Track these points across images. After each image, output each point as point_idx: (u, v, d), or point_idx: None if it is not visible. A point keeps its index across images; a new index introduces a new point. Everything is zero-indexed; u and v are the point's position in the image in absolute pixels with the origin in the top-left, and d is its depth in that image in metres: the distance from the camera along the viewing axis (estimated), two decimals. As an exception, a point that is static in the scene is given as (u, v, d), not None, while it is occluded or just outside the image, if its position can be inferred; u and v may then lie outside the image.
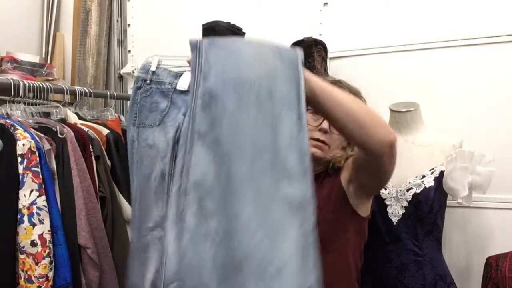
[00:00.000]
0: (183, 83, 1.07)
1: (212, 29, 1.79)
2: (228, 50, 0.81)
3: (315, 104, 0.87)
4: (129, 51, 2.25)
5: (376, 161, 0.97)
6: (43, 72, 1.81)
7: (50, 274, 1.23)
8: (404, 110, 1.48)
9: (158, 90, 1.08)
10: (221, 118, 0.77)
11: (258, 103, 0.77)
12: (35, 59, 1.86)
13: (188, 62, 1.17)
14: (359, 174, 1.11)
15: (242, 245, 0.73)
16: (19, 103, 1.43)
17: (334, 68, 1.75)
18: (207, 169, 0.75)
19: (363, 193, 1.16)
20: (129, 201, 1.53)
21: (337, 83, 1.22)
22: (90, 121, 1.63)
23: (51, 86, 1.54)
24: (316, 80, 0.86)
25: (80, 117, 1.62)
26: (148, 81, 1.09)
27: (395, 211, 1.39)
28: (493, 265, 1.40)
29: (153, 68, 1.09)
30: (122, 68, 2.24)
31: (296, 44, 1.65)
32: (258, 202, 0.75)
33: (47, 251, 1.22)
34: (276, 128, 0.78)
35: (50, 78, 1.81)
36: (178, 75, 1.09)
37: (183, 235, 0.74)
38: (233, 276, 0.72)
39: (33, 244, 1.21)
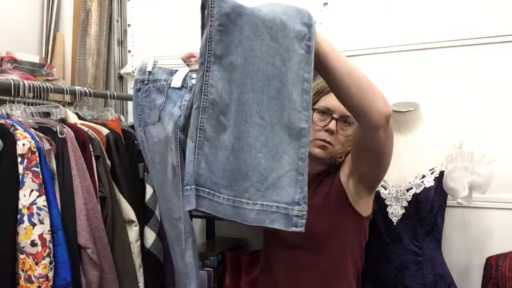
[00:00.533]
0: (177, 81, 1.11)
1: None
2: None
3: (322, 60, 0.90)
4: (129, 51, 2.25)
5: (373, 136, 0.99)
6: (43, 72, 1.81)
7: (50, 274, 1.23)
8: (404, 110, 1.48)
9: (155, 88, 1.13)
10: (237, 43, 0.83)
11: (272, 33, 0.85)
12: (35, 59, 1.86)
13: (183, 60, 1.18)
14: (358, 159, 1.11)
15: (247, 160, 0.84)
16: (19, 103, 1.43)
17: (334, 68, 1.75)
18: (222, 90, 0.83)
19: (362, 187, 1.16)
20: (129, 201, 1.53)
21: None
22: (90, 121, 1.63)
23: (51, 86, 1.54)
24: (324, 39, 0.91)
25: (80, 117, 1.62)
26: (146, 82, 1.13)
27: (395, 211, 1.39)
28: (493, 265, 1.40)
29: (149, 69, 1.13)
30: (122, 68, 2.25)
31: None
32: (264, 126, 0.85)
33: (47, 251, 1.22)
34: (285, 59, 0.86)
35: (50, 78, 1.81)
36: (173, 72, 1.14)
37: (204, 144, 0.83)
38: (239, 183, 0.85)
39: (33, 244, 1.21)
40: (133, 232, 1.53)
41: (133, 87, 1.15)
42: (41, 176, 1.25)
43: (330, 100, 1.16)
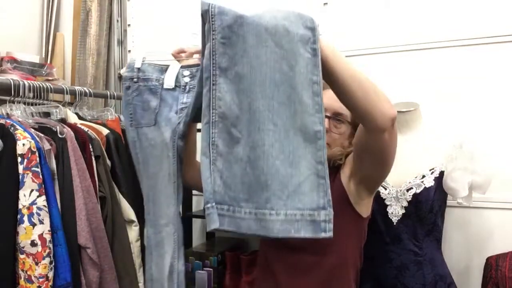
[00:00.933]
0: (169, 81, 1.09)
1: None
2: (241, 7, 0.87)
3: (325, 64, 0.90)
4: (129, 51, 2.25)
5: (377, 138, 0.98)
6: (43, 72, 1.81)
7: (50, 274, 1.23)
8: (404, 110, 1.48)
9: (146, 88, 1.09)
10: (242, 53, 0.83)
11: (276, 39, 0.84)
12: (35, 59, 1.86)
13: (173, 55, 1.17)
14: (361, 161, 1.10)
15: (265, 169, 0.83)
16: (19, 103, 1.43)
17: (334, 68, 1.75)
18: (231, 102, 0.83)
19: (364, 189, 1.16)
20: (129, 201, 1.53)
21: None
22: (90, 121, 1.63)
23: (51, 86, 1.55)
24: (327, 43, 0.90)
25: (80, 117, 1.62)
26: (135, 79, 1.10)
27: (395, 211, 1.39)
28: (493, 265, 1.40)
29: (137, 65, 1.10)
30: (122, 68, 2.24)
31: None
32: (278, 132, 0.84)
33: (47, 251, 1.22)
34: (292, 64, 0.85)
35: (50, 78, 1.81)
36: (163, 70, 1.10)
37: (217, 160, 0.83)
38: (259, 194, 0.83)
39: (33, 244, 1.21)
40: (133, 232, 1.53)
41: (123, 85, 1.12)
42: (41, 176, 1.25)
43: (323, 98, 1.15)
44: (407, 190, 1.38)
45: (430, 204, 1.36)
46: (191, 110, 1.03)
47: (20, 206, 1.22)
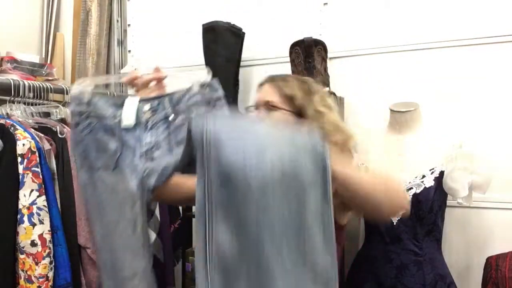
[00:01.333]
0: (128, 119, 0.94)
1: (212, 29, 1.80)
2: (240, 129, 0.80)
3: (339, 186, 0.89)
4: (129, 51, 2.25)
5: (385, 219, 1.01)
6: (43, 72, 1.81)
7: (50, 274, 1.23)
8: (404, 110, 1.48)
9: (101, 126, 0.94)
10: (245, 195, 0.75)
11: (283, 185, 0.77)
12: (35, 59, 1.86)
13: (128, 83, 1.02)
14: (352, 206, 1.06)
15: None
16: (19, 103, 1.43)
17: (334, 68, 1.75)
18: (230, 243, 0.77)
19: (346, 208, 1.14)
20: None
21: (305, 82, 1.12)
22: (90, 121, 1.63)
23: (51, 86, 1.55)
24: (337, 168, 0.86)
25: (80, 117, 1.62)
26: (85, 115, 0.94)
27: (395, 211, 1.39)
28: (493, 265, 1.40)
29: (86, 99, 0.94)
30: (122, 68, 2.24)
31: (296, 44, 1.65)
32: (287, 276, 0.78)
33: (47, 251, 1.22)
34: (302, 205, 0.79)
35: (50, 78, 1.81)
36: (119, 104, 0.95)
37: None
38: None
39: (33, 244, 1.21)
40: (133, 232, 1.52)
41: (71, 121, 0.96)
42: (41, 176, 1.25)
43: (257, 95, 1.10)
44: (407, 190, 1.38)
45: (430, 204, 1.36)
46: (171, 171, 0.94)
47: (20, 206, 1.22)
